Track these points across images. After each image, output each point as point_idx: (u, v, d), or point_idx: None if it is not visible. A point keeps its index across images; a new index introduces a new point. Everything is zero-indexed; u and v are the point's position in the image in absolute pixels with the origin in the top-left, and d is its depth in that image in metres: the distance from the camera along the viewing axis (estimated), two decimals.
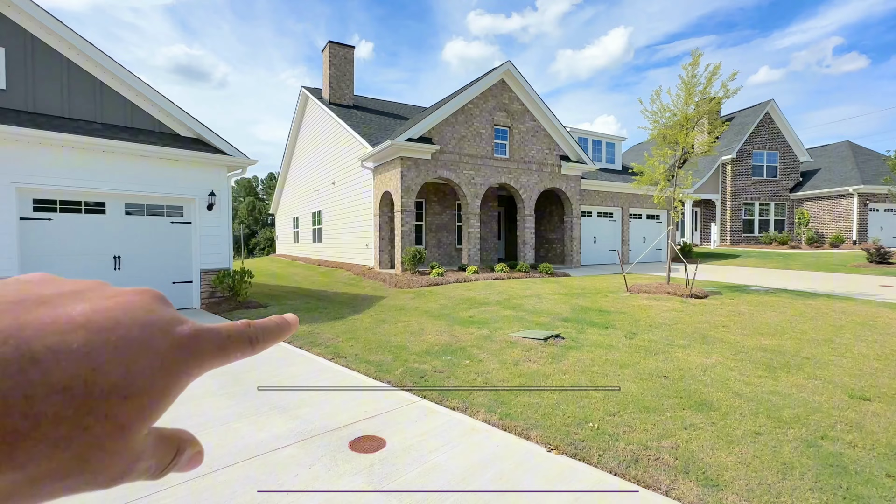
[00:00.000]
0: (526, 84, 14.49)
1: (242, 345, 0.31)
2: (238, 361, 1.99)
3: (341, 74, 19.33)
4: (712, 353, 5.27)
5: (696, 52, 8.94)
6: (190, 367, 0.28)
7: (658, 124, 9.82)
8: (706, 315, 7.34)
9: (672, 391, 4.08)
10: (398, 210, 12.65)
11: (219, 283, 8.91)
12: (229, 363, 0.31)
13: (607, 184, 17.84)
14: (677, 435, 3.25)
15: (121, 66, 8.08)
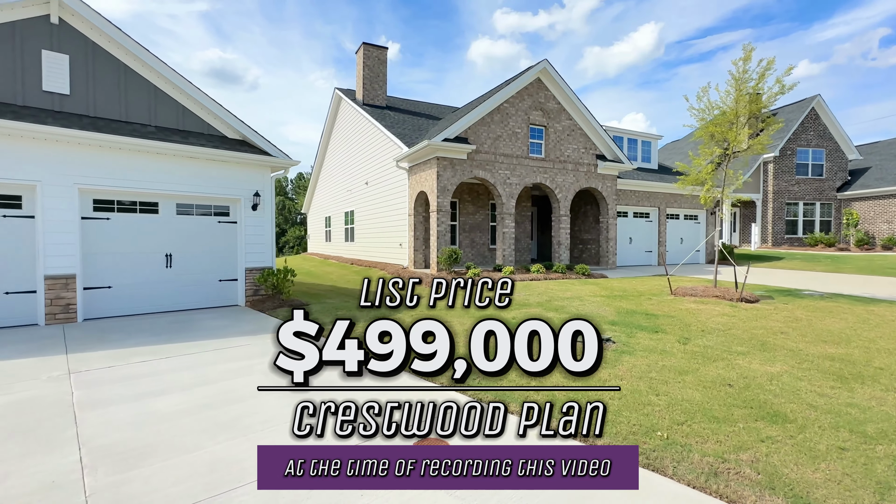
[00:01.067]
0: (562, 82, 14.27)
1: None
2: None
3: (374, 75, 19.50)
4: (775, 360, 5.04)
5: (749, 46, 8.59)
6: None
7: (705, 122, 9.48)
8: (760, 320, 7.04)
9: (740, 400, 3.91)
10: (434, 210, 12.67)
11: (263, 282, 9.11)
12: None
13: (644, 183, 17.39)
14: (755, 448, 3.10)
15: (174, 70, 8.36)
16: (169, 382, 4.51)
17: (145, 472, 2.83)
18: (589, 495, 2.57)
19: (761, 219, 25.02)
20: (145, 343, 6.10)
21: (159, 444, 3.20)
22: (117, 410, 3.80)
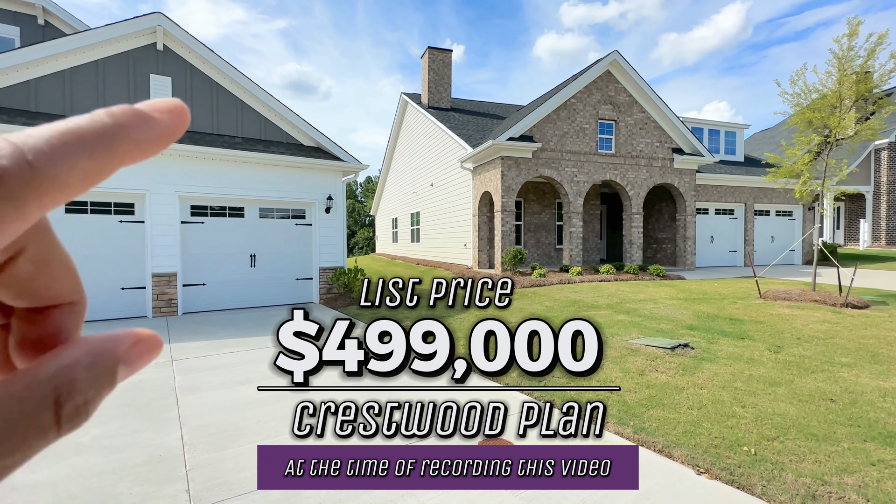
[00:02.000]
0: (634, 73, 13.57)
1: None
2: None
3: (439, 79, 19.80)
4: (889, 374, 4.43)
5: (855, 19, 7.60)
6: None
7: (800, 107, 8.55)
8: (870, 329, 6.22)
9: (844, 417, 3.49)
10: (498, 210, 12.60)
11: (335, 280, 9.61)
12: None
13: (727, 177, 16.04)
14: (863, 471, 2.76)
15: (257, 85, 9.09)
16: (253, 372, 4.91)
17: (235, 451, 3.11)
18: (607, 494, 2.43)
19: (872, 214, 22.06)
20: (234, 335, 6.69)
21: (246, 427, 3.49)
22: (212, 395, 4.21)
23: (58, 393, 0.18)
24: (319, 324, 2.27)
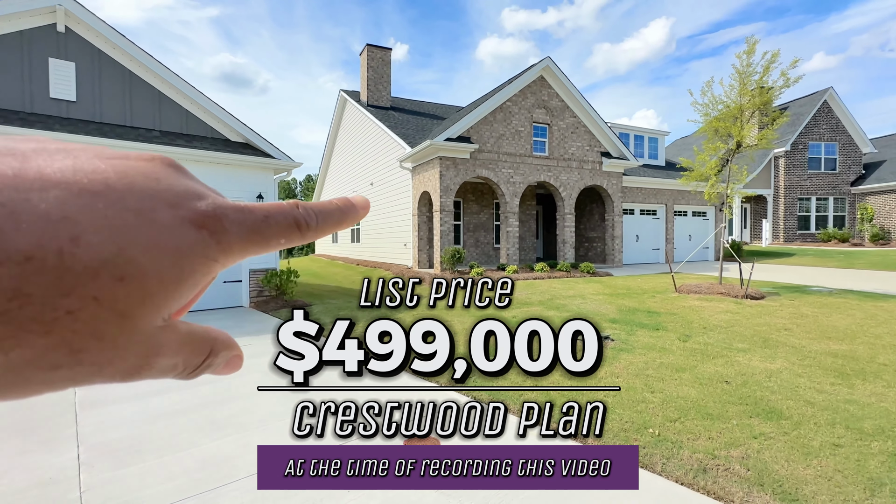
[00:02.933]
0: (566, 80, 14.21)
1: (286, 229, 0.26)
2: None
3: (378, 76, 19.59)
4: (776, 357, 4.98)
5: (752, 38, 8.47)
6: (209, 250, 0.23)
7: (709, 117, 9.38)
8: (765, 317, 6.95)
9: (736, 397, 3.87)
10: (437, 210, 12.69)
11: (266, 283, 9.21)
12: (270, 250, 0.27)
13: (650, 180, 17.24)
14: (747, 444, 3.08)
15: (177, 76, 8.50)
16: (168, 382, 4.57)
17: (139, 468, 2.89)
18: (580, 494, 2.57)
19: (772, 215, 24.65)
20: None
21: (155, 441, 3.26)
22: (117, 409, 3.89)
23: (211, 349, 0.27)
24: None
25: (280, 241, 0.26)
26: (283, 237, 0.26)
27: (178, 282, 0.23)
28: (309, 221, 0.27)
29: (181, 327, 0.25)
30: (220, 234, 0.24)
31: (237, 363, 0.29)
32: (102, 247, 0.20)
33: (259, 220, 0.25)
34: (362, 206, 0.30)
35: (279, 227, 0.26)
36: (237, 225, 0.24)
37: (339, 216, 0.28)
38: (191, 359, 0.26)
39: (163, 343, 0.23)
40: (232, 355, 0.29)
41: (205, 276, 0.24)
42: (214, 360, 0.27)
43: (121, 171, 0.22)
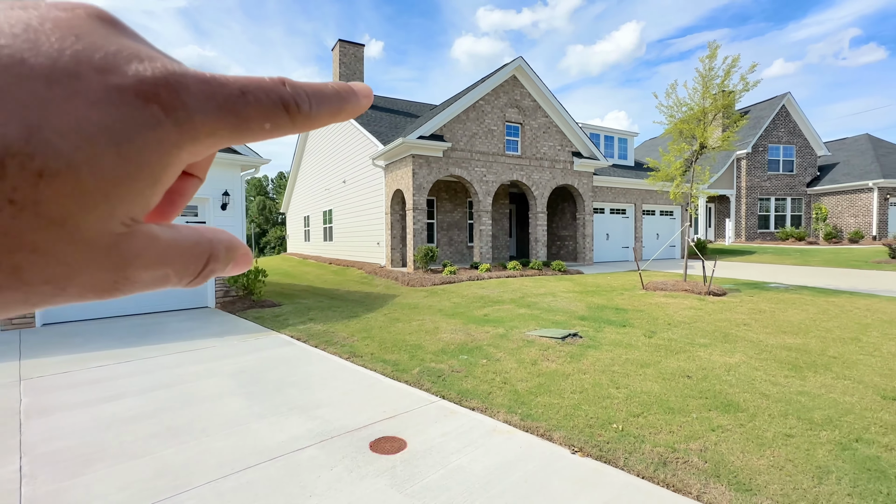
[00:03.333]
0: (538, 80, 14.35)
1: (269, 109, 0.21)
2: (255, 360, 1.95)
3: (351, 73, 19.33)
4: (735, 352, 5.16)
5: (714, 44, 8.76)
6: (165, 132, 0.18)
7: (673, 119, 9.65)
8: (726, 313, 7.20)
9: (696, 391, 3.99)
10: (410, 208, 12.62)
11: (233, 283, 8.95)
12: (251, 137, 0.21)
13: (620, 180, 17.63)
14: (705, 437, 3.17)
15: None
16: (125, 387, 4.39)
17: (88, 479, 2.75)
18: (547, 490, 2.58)
19: (735, 214, 25.63)
20: (106, 347, 5.94)
21: (107, 449, 3.11)
22: (68, 416, 3.69)
23: (210, 253, 0.23)
24: None
25: (264, 126, 0.21)
26: (266, 120, 0.21)
27: (124, 176, 0.18)
28: (300, 103, 0.22)
29: (161, 233, 0.21)
30: (179, 110, 0.19)
31: (246, 261, 0.26)
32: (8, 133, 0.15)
33: (233, 96, 0.20)
34: (364, 93, 0.25)
35: (261, 107, 0.20)
36: (202, 99, 0.19)
37: (338, 102, 0.23)
38: (184, 268, 0.22)
39: (136, 253, 0.19)
40: (239, 255, 0.25)
41: (165, 167, 0.19)
42: (216, 265, 0.24)
43: (23, 24, 0.17)
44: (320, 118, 0.23)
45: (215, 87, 0.20)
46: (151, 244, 0.20)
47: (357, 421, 3.50)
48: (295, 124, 0.22)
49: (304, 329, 6.76)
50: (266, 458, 2.94)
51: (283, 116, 0.21)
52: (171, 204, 0.25)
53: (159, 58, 0.19)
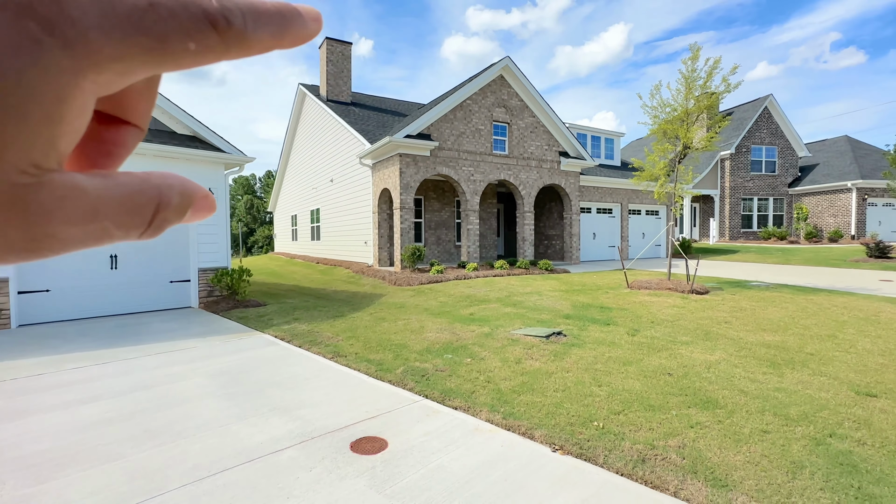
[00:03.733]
0: (525, 80, 14.40)
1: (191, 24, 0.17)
2: (237, 361, 1.90)
3: (339, 71, 19.20)
4: (716, 349, 5.23)
5: (695, 45, 8.87)
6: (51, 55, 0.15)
7: (658, 119, 9.75)
8: (708, 311, 7.30)
9: (677, 389, 4.03)
10: (397, 207, 12.58)
11: (217, 282, 8.83)
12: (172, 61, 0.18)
13: (606, 180, 17.78)
14: (684, 434, 3.20)
15: None
16: (102, 389, 4.30)
17: (59, 483, 2.68)
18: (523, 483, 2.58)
19: (719, 214, 26.03)
20: (84, 348, 5.81)
21: (79, 453, 3.04)
22: (41, 420, 3.60)
23: (159, 201, 0.21)
24: None
25: (187, 47, 0.17)
26: (189, 39, 0.17)
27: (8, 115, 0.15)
28: (231, 17, 0.18)
29: (88, 182, 0.18)
30: (65, 26, 0.15)
31: (207, 205, 0.23)
32: None
33: (139, 9, 0.16)
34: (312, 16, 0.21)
35: (178, 22, 0.17)
36: (98, 15, 0.16)
37: (280, 20, 0.20)
38: (127, 218, 0.19)
39: (55, 206, 0.17)
40: (197, 199, 0.22)
41: (60, 101, 0.16)
42: (168, 212, 0.21)
43: None
44: (259, 39, 0.19)
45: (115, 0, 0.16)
46: (75, 195, 0.18)
47: (339, 421, 3.47)
48: (227, 45, 0.18)
49: (288, 329, 6.69)
50: (244, 459, 2.90)
51: (211, 34, 0.18)
52: (106, 155, 0.23)
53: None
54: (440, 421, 3.49)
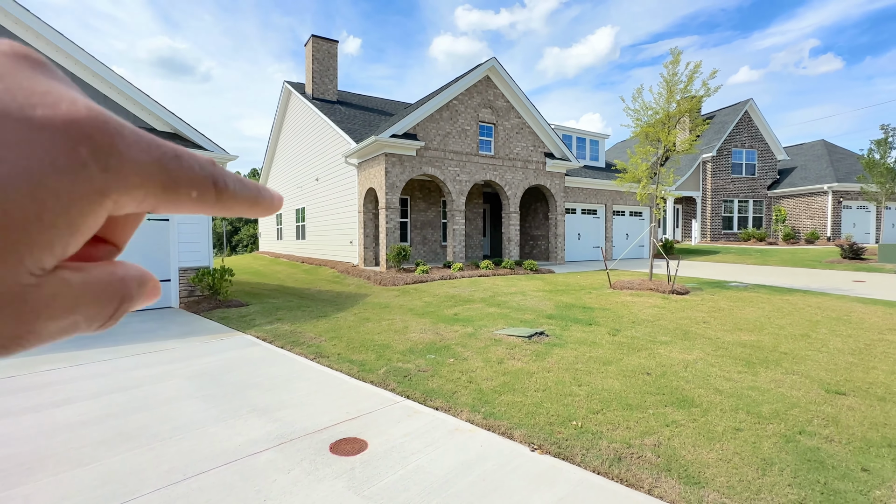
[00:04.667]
0: (511, 81, 14.47)
1: (201, 180, 0.21)
2: (216, 362, 1.92)
3: (324, 69, 19.04)
4: (693, 349, 5.33)
5: (676, 50, 9.02)
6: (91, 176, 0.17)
7: (640, 122, 9.89)
8: (687, 311, 7.44)
9: (655, 388, 4.11)
10: (383, 207, 12.53)
11: (198, 282, 8.70)
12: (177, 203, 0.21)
13: (591, 181, 17.97)
14: (660, 432, 3.26)
15: (92, 56, 7.79)
16: (76, 391, 4.21)
17: (27, 489, 2.62)
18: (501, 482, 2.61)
19: (701, 215, 26.50)
20: (58, 350, 5.67)
21: (50, 457, 2.97)
22: (11, 423, 3.51)
23: (123, 294, 0.22)
24: None
25: (191, 194, 0.21)
26: (195, 189, 0.21)
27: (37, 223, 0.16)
28: (228, 182, 0.23)
29: (73, 278, 0.19)
30: (111, 155, 0.17)
31: (155, 293, 0.25)
32: None
33: (168, 155, 0.19)
34: (278, 197, 0.27)
35: (194, 176, 0.20)
36: (137, 149, 0.18)
37: (256, 193, 0.25)
38: (97, 312, 0.20)
39: (45, 304, 0.18)
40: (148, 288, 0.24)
41: (86, 215, 0.17)
42: (129, 304, 0.22)
43: None
44: (240, 202, 0.24)
45: (152, 142, 0.19)
46: (62, 292, 0.18)
47: (319, 422, 3.45)
48: (219, 201, 0.22)
49: (270, 329, 6.62)
50: (221, 462, 2.87)
51: (211, 191, 0.22)
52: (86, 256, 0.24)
53: (95, 105, 0.19)
54: (421, 421, 3.49)
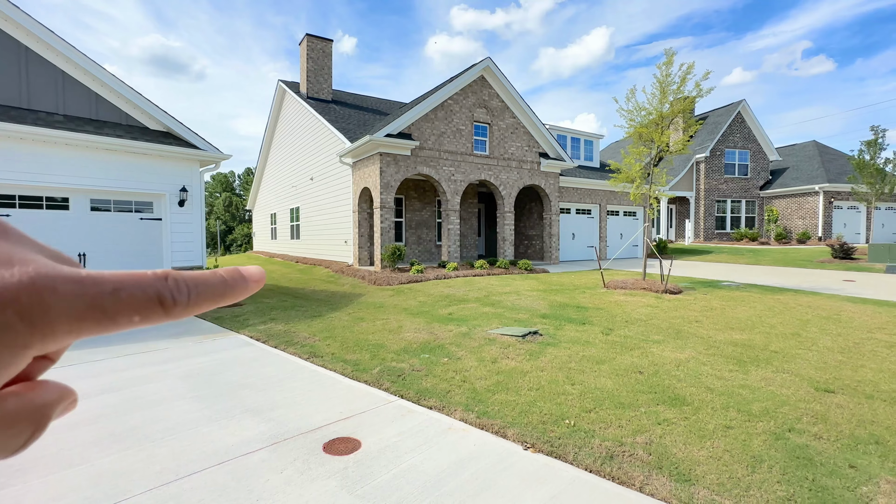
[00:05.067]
0: (506, 81, 14.50)
1: (142, 304, 0.21)
2: (210, 362, 1.92)
3: (319, 68, 18.99)
4: (686, 348, 5.37)
5: (670, 51, 9.08)
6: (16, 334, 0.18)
7: (633, 123, 9.94)
8: (680, 310, 7.49)
9: (647, 386, 4.13)
10: (377, 206, 12.52)
11: None
12: (119, 328, 0.21)
13: (585, 181, 18.04)
14: (651, 430, 3.29)
15: (84, 55, 7.73)
16: None
17: (17, 490, 2.60)
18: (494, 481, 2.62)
19: (694, 215, 26.67)
20: None
21: (40, 459, 2.95)
22: None
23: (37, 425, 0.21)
24: None
25: (133, 319, 0.21)
26: (136, 314, 0.21)
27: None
28: (177, 297, 0.22)
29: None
30: (38, 315, 0.18)
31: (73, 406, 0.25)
32: None
33: (104, 294, 0.20)
34: (255, 278, 0.26)
35: (133, 302, 0.21)
36: (69, 301, 0.19)
37: (223, 289, 0.24)
38: (9, 442, 0.21)
39: None
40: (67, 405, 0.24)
41: (7, 366, 0.19)
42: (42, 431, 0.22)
43: None
44: (199, 306, 0.24)
45: (88, 285, 0.20)
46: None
47: (312, 422, 3.45)
48: (170, 315, 0.22)
49: (264, 329, 6.60)
50: (213, 462, 2.86)
51: (157, 310, 0.22)
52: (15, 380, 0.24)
53: (33, 261, 0.19)
54: (414, 421, 3.50)
